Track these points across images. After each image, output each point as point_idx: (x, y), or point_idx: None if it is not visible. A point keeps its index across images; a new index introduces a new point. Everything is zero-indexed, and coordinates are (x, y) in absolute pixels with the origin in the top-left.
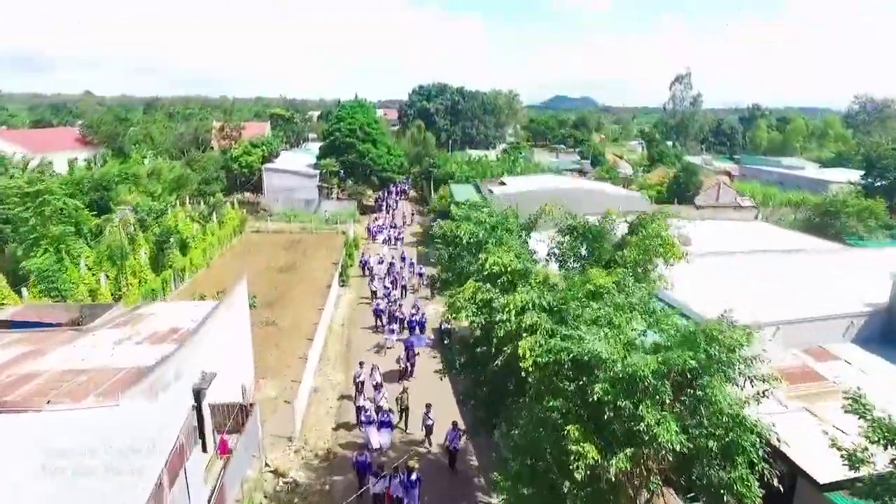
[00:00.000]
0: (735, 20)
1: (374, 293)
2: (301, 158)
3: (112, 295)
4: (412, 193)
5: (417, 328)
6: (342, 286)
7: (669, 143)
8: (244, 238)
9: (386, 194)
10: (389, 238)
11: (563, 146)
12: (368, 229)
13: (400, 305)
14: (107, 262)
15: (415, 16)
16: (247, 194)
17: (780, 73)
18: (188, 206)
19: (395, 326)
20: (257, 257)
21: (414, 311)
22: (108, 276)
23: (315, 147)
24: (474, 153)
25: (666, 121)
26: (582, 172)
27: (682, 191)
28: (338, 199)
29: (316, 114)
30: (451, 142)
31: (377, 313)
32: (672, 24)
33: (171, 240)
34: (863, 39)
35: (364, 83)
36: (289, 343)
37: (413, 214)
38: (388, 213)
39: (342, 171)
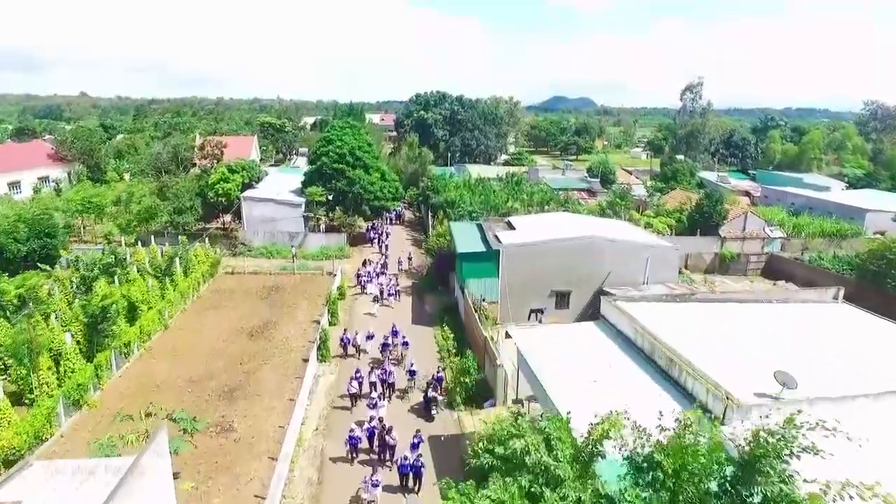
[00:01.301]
0: (734, 21)
1: (353, 396)
2: (287, 181)
3: (14, 402)
4: (408, 215)
5: (412, 476)
6: (321, 362)
7: (679, 156)
8: (215, 284)
9: (380, 222)
10: (382, 292)
11: (569, 163)
12: (358, 276)
13: (390, 429)
14: (13, 360)
15: (414, 17)
16: (227, 218)
17: (780, 74)
18: (153, 246)
19: (380, 478)
20: (226, 314)
21: (409, 454)
22: (9, 377)
23: (305, 164)
24: (474, 169)
25: (674, 130)
26: (591, 192)
27: (705, 220)
28: (326, 230)
29: (310, 121)
30: (449, 154)
31: (352, 443)
32: (671, 26)
33: (111, 312)
34: (863, 40)
35: (362, 84)
36: (244, 464)
37: (410, 258)
38: (380, 250)
39: (329, 199)
